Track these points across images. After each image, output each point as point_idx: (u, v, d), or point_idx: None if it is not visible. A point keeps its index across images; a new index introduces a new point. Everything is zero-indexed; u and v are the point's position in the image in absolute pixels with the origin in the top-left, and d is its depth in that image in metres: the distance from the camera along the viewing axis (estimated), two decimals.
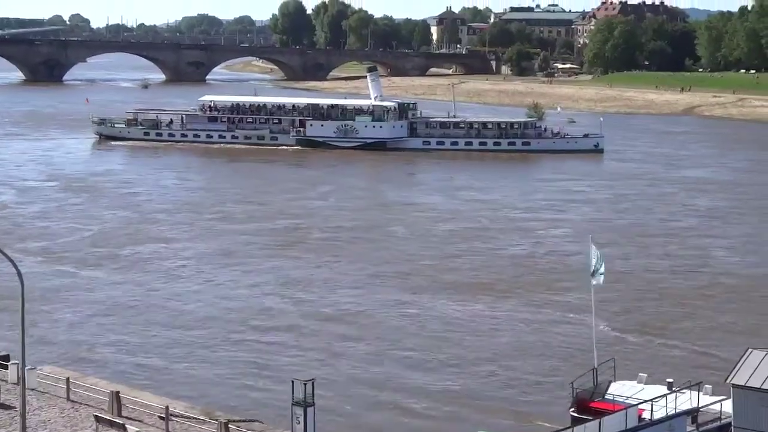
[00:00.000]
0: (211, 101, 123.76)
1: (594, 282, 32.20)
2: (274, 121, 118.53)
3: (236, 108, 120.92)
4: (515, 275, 56.19)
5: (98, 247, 62.04)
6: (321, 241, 64.89)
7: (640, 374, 31.15)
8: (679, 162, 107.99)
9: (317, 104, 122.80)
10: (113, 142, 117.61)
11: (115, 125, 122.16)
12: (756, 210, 78.44)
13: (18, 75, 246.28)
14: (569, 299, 50.41)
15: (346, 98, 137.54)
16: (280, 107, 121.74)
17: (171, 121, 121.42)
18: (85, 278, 54.51)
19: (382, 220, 72.98)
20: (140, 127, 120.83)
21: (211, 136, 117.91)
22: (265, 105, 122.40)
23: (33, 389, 32.00)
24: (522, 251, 62.51)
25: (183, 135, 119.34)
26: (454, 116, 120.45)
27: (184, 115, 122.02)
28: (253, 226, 69.26)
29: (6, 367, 33.69)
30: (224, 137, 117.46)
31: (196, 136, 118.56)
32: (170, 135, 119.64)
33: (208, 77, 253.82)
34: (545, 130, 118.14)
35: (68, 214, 73.12)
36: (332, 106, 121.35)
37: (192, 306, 49.52)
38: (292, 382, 29.25)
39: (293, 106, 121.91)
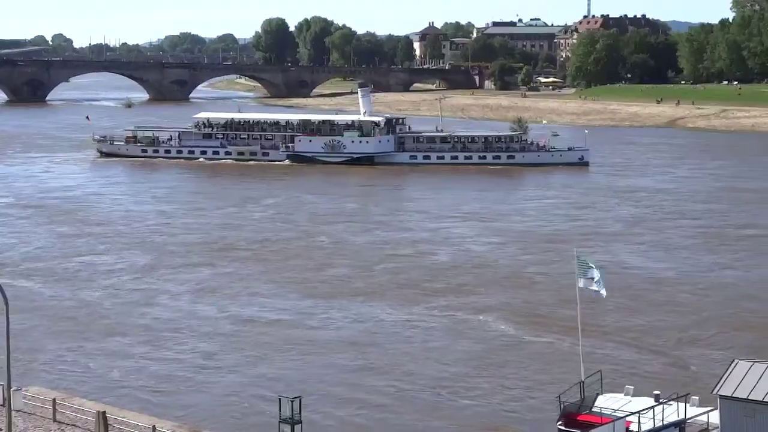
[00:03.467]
0: (205, 118, 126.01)
1: (602, 292, 32.02)
2: (267, 137, 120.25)
3: (230, 125, 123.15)
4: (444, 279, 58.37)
5: (38, 261, 63.32)
6: (252, 251, 66.60)
7: (627, 386, 31.15)
8: (661, 174, 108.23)
9: (309, 120, 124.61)
10: (113, 159, 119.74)
11: (115, 143, 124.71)
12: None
13: (0, 96, 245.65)
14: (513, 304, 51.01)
15: (337, 113, 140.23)
16: (272, 124, 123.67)
17: (170, 138, 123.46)
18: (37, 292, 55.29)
19: (318, 230, 74.34)
20: (138, 144, 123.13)
21: (205, 152, 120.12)
22: (257, 121, 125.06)
23: (19, 410, 31.82)
24: (445, 258, 64.54)
25: (178, 152, 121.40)
26: (441, 131, 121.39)
27: (179, 132, 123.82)
28: (193, 238, 71.30)
29: None
30: (218, 153, 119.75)
31: (190, 152, 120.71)
32: (166, 152, 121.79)
33: (191, 95, 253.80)
34: (531, 143, 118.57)
35: (17, 227, 73.94)
36: (323, 122, 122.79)
37: (140, 318, 50.20)
38: (279, 399, 29.17)
39: (286, 122, 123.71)
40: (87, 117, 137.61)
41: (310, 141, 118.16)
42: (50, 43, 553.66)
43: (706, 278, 58.76)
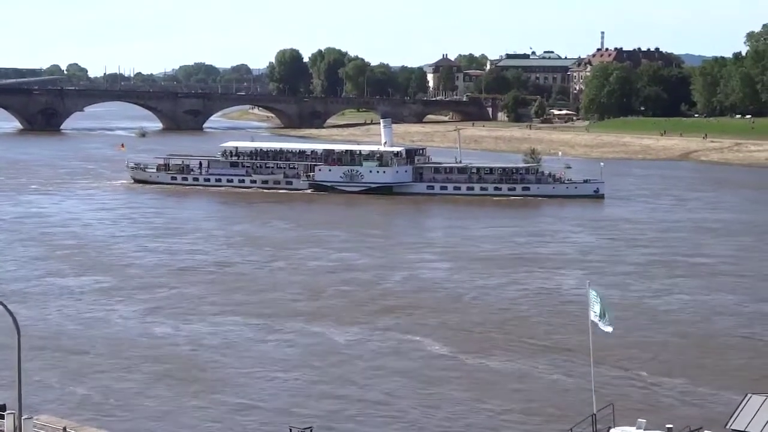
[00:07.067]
0: (233, 147, 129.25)
1: (606, 329, 31.73)
2: (291, 166, 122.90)
3: (256, 154, 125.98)
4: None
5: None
6: (211, 274, 68.82)
7: (639, 420, 30.92)
8: (681, 206, 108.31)
9: (332, 150, 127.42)
10: (144, 186, 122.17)
11: (147, 170, 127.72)
12: None
13: (15, 125, 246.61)
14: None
15: (359, 143, 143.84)
16: (297, 153, 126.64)
17: (200, 166, 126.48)
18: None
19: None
20: (168, 172, 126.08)
21: (231, 180, 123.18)
22: (282, 150, 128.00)
23: None
24: (392, 284, 66.32)
25: (206, 179, 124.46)
26: (460, 161, 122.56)
27: (208, 161, 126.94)
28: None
29: (2, 417, 33.47)
30: (243, 181, 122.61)
31: (217, 180, 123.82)
32: (194, 179, 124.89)
33: (205, 126, 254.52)
34: (549, 175, 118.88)
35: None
36: (345, 152, 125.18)
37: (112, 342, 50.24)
38: (290, 429, 29.09)
39: (311, 151, 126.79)
40: (122, 145, 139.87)
41: (330, 170, 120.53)
42: (65, 72, 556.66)
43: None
